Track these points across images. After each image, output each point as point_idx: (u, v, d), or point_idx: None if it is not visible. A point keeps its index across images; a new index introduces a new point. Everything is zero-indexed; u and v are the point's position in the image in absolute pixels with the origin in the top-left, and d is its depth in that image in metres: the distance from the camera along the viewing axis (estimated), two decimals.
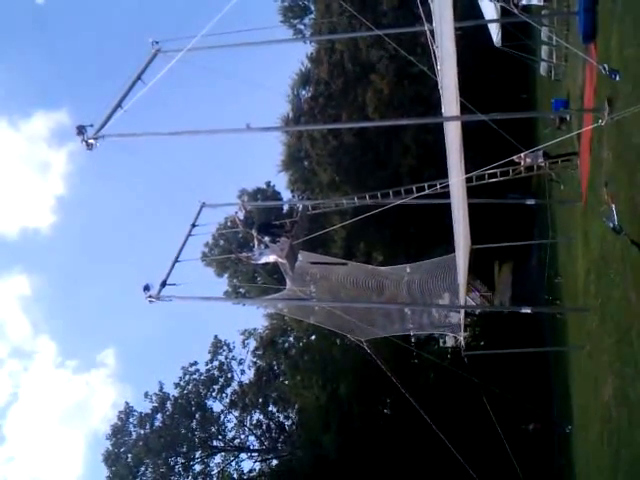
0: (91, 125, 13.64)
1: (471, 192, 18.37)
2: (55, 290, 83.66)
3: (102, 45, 72.47)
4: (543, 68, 27.43)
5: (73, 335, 78.34)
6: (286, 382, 41.19)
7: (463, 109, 14.98)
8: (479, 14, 24.40)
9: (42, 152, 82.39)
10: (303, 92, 43.94)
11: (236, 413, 42.87)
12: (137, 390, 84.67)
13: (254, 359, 43.49)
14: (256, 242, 16.50)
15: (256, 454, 42.79)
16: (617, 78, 11.70)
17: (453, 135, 14.42)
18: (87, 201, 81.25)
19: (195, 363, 42.78)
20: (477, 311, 36.80)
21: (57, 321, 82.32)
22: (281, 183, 45.41)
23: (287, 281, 19.24)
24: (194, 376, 42.61)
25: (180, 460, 41.34)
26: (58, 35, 67.52)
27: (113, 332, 76.14)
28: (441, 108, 12.83)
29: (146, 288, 16.08)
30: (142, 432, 41.55)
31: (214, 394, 42.54)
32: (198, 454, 42.05)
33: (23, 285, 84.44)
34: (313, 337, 40.49)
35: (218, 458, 42.56)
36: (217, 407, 42.75)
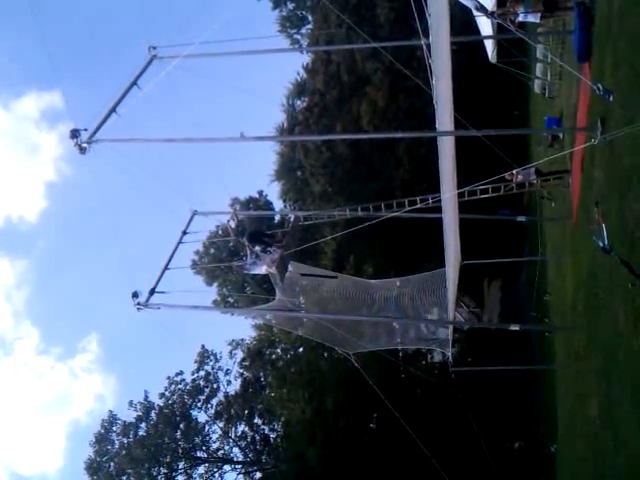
0: (85, 129, 13.64)
1: (462, 207, 18.33)
2: (38, 277, 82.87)
3: (96, 32, 71.77)
4: (537, 85, 27.53)
5: (56, 322, 77.34)
6: (272, 394, 40.93)
7: (457, 124, 14.98)
8: (475, 30, 24.45)
9: (32, 134, 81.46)
10: (298, 102, 44.10)
11: (221, 424, 42.53)
12: (120, 383, 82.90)
13: (241, 370, 43.29)
14: (248, 251, 16.40)
15: (240, 466, 42.45)
16: (611, 98, 11.68)
17: (446, 150, 14.37)
18: (76, 190, 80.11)
19: (181, 373, 42.55)
20: (465, 327, 36.68)
21: (40, 308, 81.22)
22: (273, 193, 45.55)
23: (277, 292, 19.08)
24: (179, 386, 42.27)
25: (163, 470, 40.97)
26: (54, 19, 66.80)
27: (96, 319, 75.40)
28: (435, 122, 12.79)
29: (135, 295, 15.91)
30: (125, 441, 41.11)
31: (199, 404, 42.24)
32: (181, 465, 41.74)
33: (6, 271, 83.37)
34: (301, 349, 40.29)
35: (201, 469, 42.34)
36: (202, 417, 42.52)
